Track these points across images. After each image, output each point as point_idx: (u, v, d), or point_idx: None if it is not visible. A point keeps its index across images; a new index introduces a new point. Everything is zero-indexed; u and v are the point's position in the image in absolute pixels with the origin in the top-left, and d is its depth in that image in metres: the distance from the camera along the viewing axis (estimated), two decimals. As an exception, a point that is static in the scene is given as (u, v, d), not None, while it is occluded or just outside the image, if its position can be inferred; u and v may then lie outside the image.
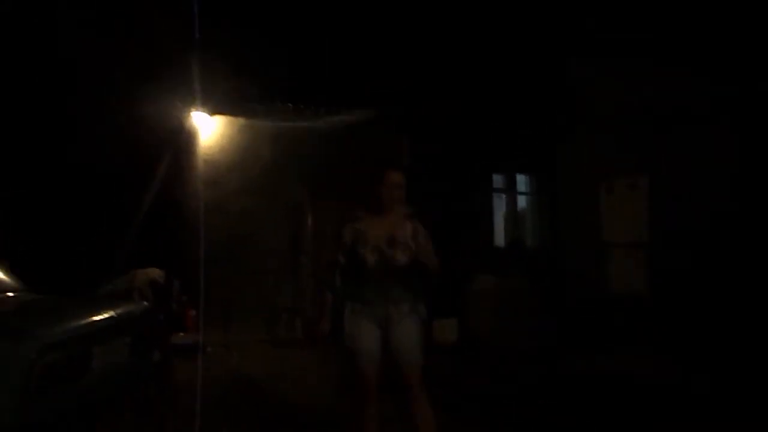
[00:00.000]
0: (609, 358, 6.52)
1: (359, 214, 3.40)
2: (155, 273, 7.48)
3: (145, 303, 5.75)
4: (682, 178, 6.92)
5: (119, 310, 4.37)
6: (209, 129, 8.57)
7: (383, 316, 3.17)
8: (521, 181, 10.74)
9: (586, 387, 5.59)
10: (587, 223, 8.54)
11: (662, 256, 7.20)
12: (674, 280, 6.92)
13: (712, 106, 6.41)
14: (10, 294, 4.52)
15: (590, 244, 8.42)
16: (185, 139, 8.40)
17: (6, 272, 4.71)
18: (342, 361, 3.30)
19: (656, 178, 7.43)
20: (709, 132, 6.50)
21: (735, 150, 6.32)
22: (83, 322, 3.88)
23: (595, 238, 8.36)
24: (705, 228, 6.50)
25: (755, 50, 5.97)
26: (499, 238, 10.52)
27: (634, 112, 7.52)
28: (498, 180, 10.51)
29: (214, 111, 8.50)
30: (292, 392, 5.58)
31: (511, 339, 7.02)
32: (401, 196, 3.31)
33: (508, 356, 6.73)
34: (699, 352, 6.03)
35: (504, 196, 10.63)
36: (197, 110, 8.34)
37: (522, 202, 10.83)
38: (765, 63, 5.85)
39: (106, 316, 4.14)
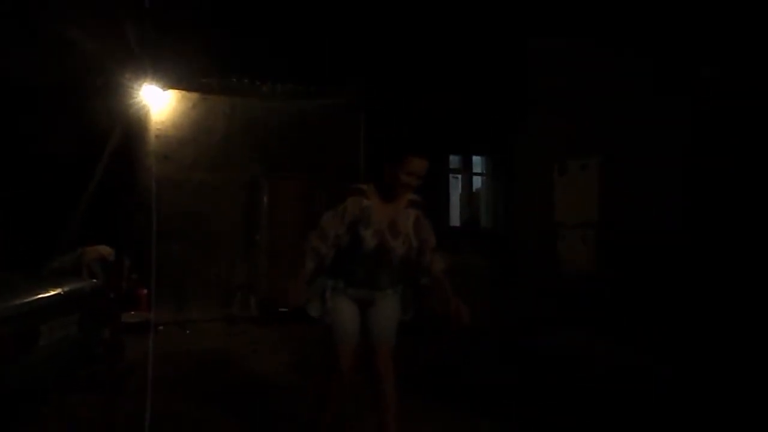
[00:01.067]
0: (556, 336, 6.72)
1: (364, 188, 3.14)
2: (104, 250, 7.30)
3: (94, 280, 5.61)
4: (633, 158, 7.13)
5: (67, 287, 4.28)
6: (162, 103, 8.35)
7: (367, 299, 3.14)
8: (477, 162, 10.88)
9: (536, 363, 5.78)
10: (541, 203, 8.74)
11: (612, 235, 7.44)
12: (622, 259, 7.17)
13: (661, 87, 6.62)
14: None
15: (543, 224, 8.62)
16: (136, 113, 8.16)
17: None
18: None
19: (608, 158, 7.64)
20: (659, 113, 6.70)
21: (685, 130, 6.52)
22: (29, 298, 3.79)
23: (548, 218, 8.56)
24: (655, 208, 6.73)
25: (703, 33, 6.16)
26: (455, 218, 10.67)
27: (587, 94, 7.70)
28: (454, 161, 10.63)
29: (166, 85, 8.28)
30: (247, 369, 5.57)
31: (467, 316, 7.14)
32: (416, 185, 3.09)
33: (461, 332, 6.86)
34: (646, 332, 6.27)
35: (460, 176, 10.77)
36: (149, 84, 8.10)
37: (477, 182, 10.99)
38: (713, 45, 6.05)
39: (53, 292, 4.06)
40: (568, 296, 7.62)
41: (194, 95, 8.52)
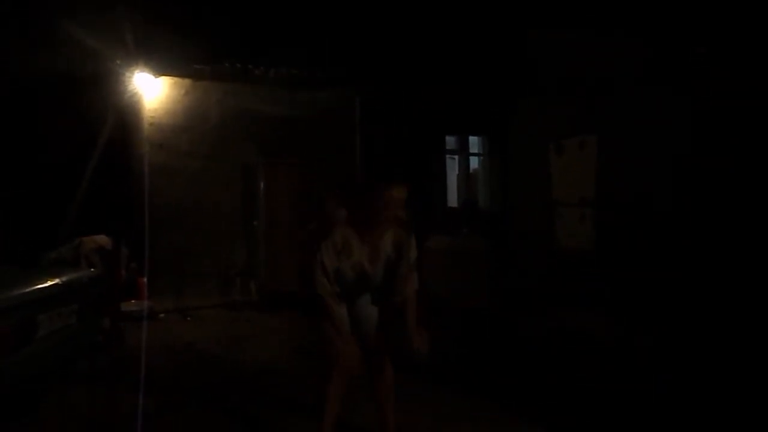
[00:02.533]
0: (555, 315, 6.74)
1: (343, 214, 3.19)
2: (102, 240, 7.29)
3: (92, 270, 5.60)
4: (630, 137, 7.10)
5: (65, 277, 4.27)
6: (154, 90, 8.28)
7: (354, 307, 3.19)
8: (474, 142, 10.84)
9: (534, 343, 5.80)
10: (537, 182, 8.71)
11: (609, 214, 7.43)
12: (619, 237, 7.16)
13: (658, 70, 6.57)
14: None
15: (540, 203, 8.60)
16: (129, 101, 8.10)
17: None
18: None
19: (605, 137, 7.61)
20: (655, 93, 6.66)
21: (680, 111, 6.50)
22: (27, 289, 3.77)
23: (545, 197, 8.55)
24: (650, 186, 6.72)
25: (697, 17, 6.12)
26: (453, 199, 10.65)
27: (583, 74, 7.64)
28: (451, 141, 10.58)
29: (159, 72, 8.20)
30: (249, 355, 5.58)
31: (463, 296, 7.17)
32: (399, 212, 3.10)
33: (460, 313, 6.89)
34: (642, 309, 6.29)
35: (457, 157, 10.73)
36: (141, 71, 8.02)
37: (474, 163, 10.95)
38: (705, 30, 6.01)
39: (51, 283, 4.04)
40: (567, 275, 7.63)
41: (187, 81, 8.45)
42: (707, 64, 6.05)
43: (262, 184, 8.59)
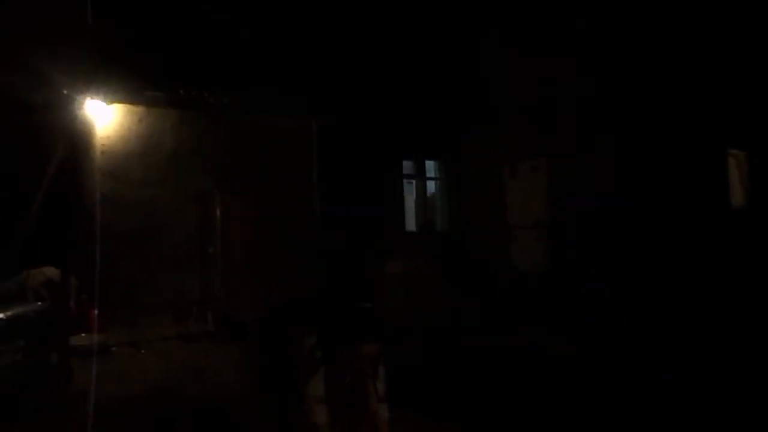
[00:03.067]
0: (512, 335, 6.84)
1: None
2: (50, 272, 7.05)
3: (40, 303, 5.42)
4: (578, 160, 7.35)
5: (10, 312, 4.13)
6: (106, 118, 8.14)
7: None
8: (430, 166, 10.98)
9: (490, 362, 5.86)
10: (493, 205, 8.90)
11: (561, 234, 7.63)
12: (573, 256, 7.35)
13: (601, 97, 6.88)
14: None
15: (495, 226, 8.77)
16: (80, 129, 7.93)
17: None
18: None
19: (554, 160, 7.85)
20: (600, 122, 6.95)
21: (624, 134, 6.79)
22: (-32, 326, 3.63)
23: (500, 220, 8.72)
24: (599, 206, 6.95)
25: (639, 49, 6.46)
26: (411, 223, 10.73)
27: (534, 100, 7.90)
28: (408, 166, 10.70)
29: (111, 99, 8.08)
30: (207, 390, 5.43)
31: (419, 320, 7.19)
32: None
33: (417, 336, 6.90)
34: (594, 326, 6.45)
35: (414, 181, 10.84)
36: (93, 99, 7.89)
37: (432, 187, 11.09)
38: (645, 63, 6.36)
39: (-6, 318, 3.90)
40: (523, 295, 7.77)
41: (141, 109, 8.34)
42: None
43: (217, 212, 8.50)
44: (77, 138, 7.95)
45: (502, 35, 8.45)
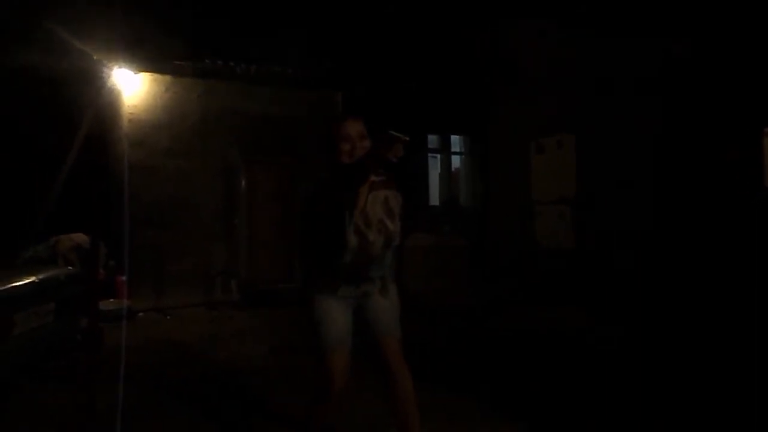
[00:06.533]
0: (535, 313, 6.81)
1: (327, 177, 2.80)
2: (80, 238, 7.20)
3: (70, 268, 5.54)
4: (607, 136, 7.20)
5: (41, 276, 4.22)
6: (134, 87, 8.20)
7: (356, 295, 2.81)
8: (456, 141, 10.88)
9: (513, 341, 5.85)
10: (518, 181, 8.79)
11: (587, 212, 7.52)
12: (598, 235, 7.26)
13: (635, 71, 6.68)
14: None
15: (520, 202, 8.68)
16: (108, 98, 8.01)
17: None
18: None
19: (582, 136, 7.70)
20: (632, 94, 6.77)
21: (656, 111, 6.61)
22: (3, 287, 3.72)
23: (524, 196, 8.63)
24: (628, 185, 6.82)
25: (675, 21, 6.23)
26: (435, 198, 10.69)
27: (562, 75, 7.72)
28: (433, 140, 10.62)
29: (138, 68, 8.12)
30: (229, 355, 5.55)
31: (443, 293, 7.21)
32: (355, 153, 2.75)
33: (440, 311, 6.92)
34: (618, 305, 6.39)
35: (439, 156, 10.77)
36: (121, 67, 7.94)
37: (456, 162, 11.00)
38: (683, 33, 6.14)
39: (26, 281, 4.00)
40: (546, 273, 7.71)
41: (167, 78, 8.37)
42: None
43: (243, 183, 8.55)
44: (105, 106, 8.03)
45: (531, 8, 8.24)
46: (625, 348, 5.30)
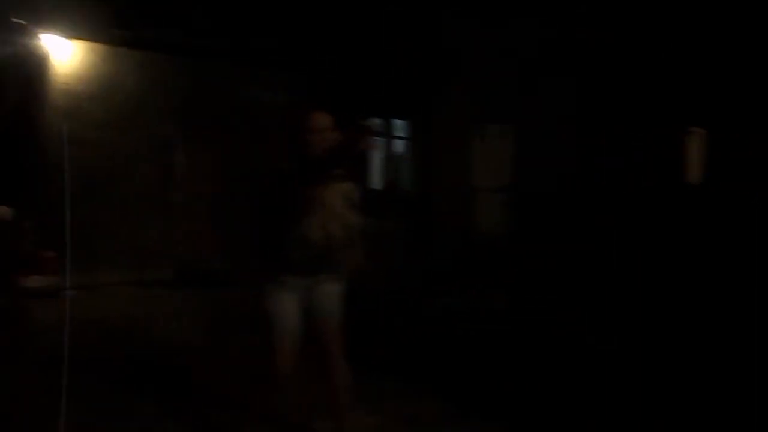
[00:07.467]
0: (469, 297, 6.98)
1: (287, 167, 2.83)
2: (1, 211, 6.85)
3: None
4: (544, 125, 7.42)
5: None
6: (66, 55, 7.81)
7: (306, 286, 2.88)
8: (399, 126, 10.93)
9: (448, 323, 5.99)
10: (459, 168, 8.96)
11: (523, 198, 7.75)
12: (533, 221, 7.50)
13: (567, 58, 6.89)
14: None
15: (461, 188, 8.85)
16: (36, 64, 7.60)
17: None
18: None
19: (521, 125, 7.90)
20: (566, 83, 6.99)
21: (586, 100, 6.85)
22: None
23: (465, 182, 8.81)
24: (561, 175, 7.06)
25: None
26: (376, 182, 10.73)
27: (503, 64, 7.88)
28: (375, 124, 10.62)
29: (71, 35, 7.74)
30: (162, 336, 5.45)
31: (381, 278, 7.27)
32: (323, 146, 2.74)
33: (379, 295, 6.99)
34: (555, 289, 6.62)
35: (381, 140, 10.79)
36: (51, 33, 7.55)
37: (399, 146, 11.05)
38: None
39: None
40: (482, 258, 7.92)
41: (103, 47, 8.02)
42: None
43: (181, 159, 8.34)
44: (32, 73, 7.62)
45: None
46: (543, 328, 5.50)
